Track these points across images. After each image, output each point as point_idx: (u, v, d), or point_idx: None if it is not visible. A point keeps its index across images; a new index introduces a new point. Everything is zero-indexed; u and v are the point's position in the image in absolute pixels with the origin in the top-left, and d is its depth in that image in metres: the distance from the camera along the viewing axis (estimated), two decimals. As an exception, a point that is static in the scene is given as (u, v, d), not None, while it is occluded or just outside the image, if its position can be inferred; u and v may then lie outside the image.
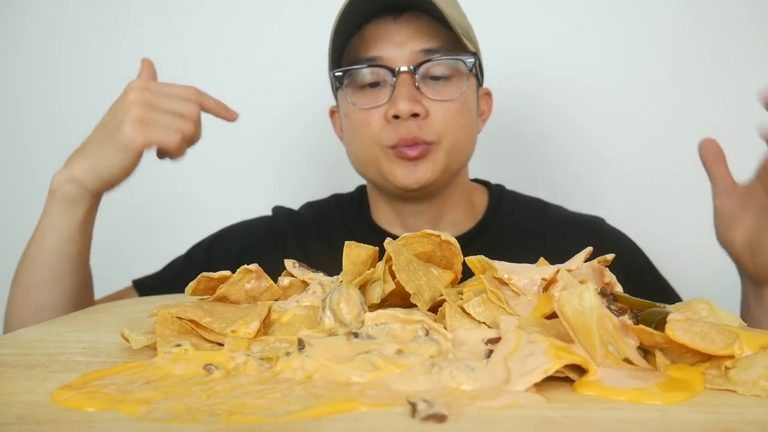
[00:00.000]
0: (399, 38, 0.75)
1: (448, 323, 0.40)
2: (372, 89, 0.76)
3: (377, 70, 0.75)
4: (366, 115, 0.76)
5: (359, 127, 0.77)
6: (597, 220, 0.87)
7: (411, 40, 0.74)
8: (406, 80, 0.74)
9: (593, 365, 0.33)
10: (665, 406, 0.31)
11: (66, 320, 0.53)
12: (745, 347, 0.34)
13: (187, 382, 0.35)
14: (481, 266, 0.44)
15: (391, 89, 0.74)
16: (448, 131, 0.75)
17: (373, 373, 0.34)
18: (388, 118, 0.74)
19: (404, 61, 0.74)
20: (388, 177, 0.77)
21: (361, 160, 0.79)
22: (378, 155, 0.77)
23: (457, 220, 0.84)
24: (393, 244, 0.45)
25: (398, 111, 0.73)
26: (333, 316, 0.41)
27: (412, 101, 0.73)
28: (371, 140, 0.76)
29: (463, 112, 0.77)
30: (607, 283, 0.46)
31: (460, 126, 0.76)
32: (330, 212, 0.89)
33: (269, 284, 0.50)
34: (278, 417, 0.29)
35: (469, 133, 0.79)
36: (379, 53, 0.75)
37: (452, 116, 0.75)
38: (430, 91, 0.75)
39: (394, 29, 0.75)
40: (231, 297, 0.49)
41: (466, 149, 0.79)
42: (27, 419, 0.30)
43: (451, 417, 0.29)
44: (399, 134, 0.74)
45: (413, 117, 0.74)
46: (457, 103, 0.76)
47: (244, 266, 0.49)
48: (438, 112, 0.75)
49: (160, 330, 0.40)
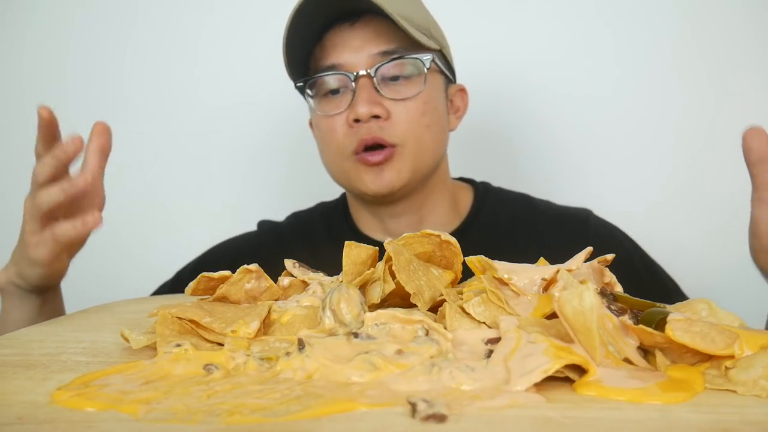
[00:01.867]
0: (356, 43, 0.75)
1: (448, 323, 0.40)
2: (334, 96, 0.76)
3: (337, 76, 0.75)
4: (331, 122, 0.76)
5: (325, 135, 0.78)
6: (584, 212, 0.87)
7: (368, 43, 0.75)
8: (366, 84, 0.74)
9: (593, 365, 0.33)
10: (665, 406, 0.31)
11: (66, 320, 0.53)
12: (745, 347, 0.34)
13: (187, 382, 0.35)
14: (481, 266, 0.44)
15: (351, 94, 0.74)
16: (411, 132, 0.75)
17: (373, 373, 0.34)
18: (350, 122, 0.74)
19: (363, 65, 0.74)
20: (356, 184, 0.77)
21: (331, 169, 0.80)
22: (344, 164, 0.77)
23: (440, 220, 0.83)
24: (393, 244, 0.45)
25: (358, 114, 0.73)
26: (333, 316, 0.41)
27: (370, 103, 0.73)
28: (337, 149, 0.77)
29: (427, 111, 0.76)
30: (607, 283, 0.46)
31: (424, 126, 0.76)
32: (315, 221, 0.89)
33: (269, 284, 0.50)
34: (278, 417, 0.29)
35: (436, 131, 0.78)
36: (338, 60, 0.75)
37: (415, 116, 0.75)
38: (389, 91, 0.74)
39: (351, 35, 0.75)
40: (231, 297, 0.49)
41: (434, 149, 0.78)
42: (27, 419, 0.30)
43: (451, 417, 0.29)
44: (359, 136, 0.74)
45: (375, 119, 0.73)
46: (419, 102, 0.75)
47: (244, 266, 0.49)
48: (400, 113, 0.74)
49: (160, 330, 0.40)
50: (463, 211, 0.85)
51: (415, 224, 0.82)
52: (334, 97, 0.77)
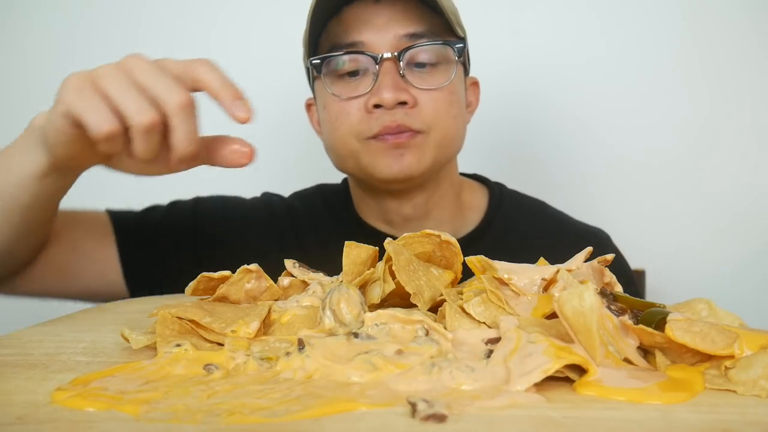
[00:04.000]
0: (381, 22, 0.69)
1: (448, 323, 0.40)
2: (351, 78, 0.71)
3: (358, 57, 0.70)
4: (345, 105, 0.70)
5: (337, 119, 0.72)
6: (603, 234, 0.84)
7: (394, 23, 0.69)
8: (390, 68, 0.68)
9: (593, 365, 0.33)
10: (665, 406, 0.31)
11: (66, 320, 0.53)
12: (745, 347, 0.34)
13: (187, 382, 0.35)
14: (481, 266, 0.44)
15: (373, 78, 0.69)
16: (438, 122, 0.70)
17: (373, 373, 0.34)
18: (369, 108, 0.69)
19: (387, 47, 0.69)
20: (368, 170, 0.71)
21: (339, 153, 0.74)
22: (356, 149, 0.71)
23: (445, 215, 0.79)
24: (393, 244, 0.45)
25: (382, 100, 0.67)
26: (333, 316, 0.41)
27: (397, 89, 0.68)
28: (349, 133, 0.71)
29: (453, 102, 0.72)
30: (607, 283, 0.46)
31: (452, 116, 0.72)
32: (317, 206, 0.84)
33: (269, 284, 0.50)
34: (278, 417, 0.29)
35: (459, 124, 0.74)
36: (360, 38, 0.69)
37: (443, 106, 0.70)
38: (416, 79, 0.70)
39: (375, 12, 0.70)
40: (231, 297, 0.49)
41: (455, 142, 0.75)
42: (27, 419, 0.30)
43: (451, 417, 0.29)
44: (382, 122, 0.68)
45: (400, 106, 0.68)
46: (446, 92, 0.71)
47: (244, 266, 0.49)
48: (427, 102, 0.70)
49: (160, 330, 0.40)
50: (474, 212, 0.82)
51: (421, 217, 0.78)
52: (351, 80, 0.71)
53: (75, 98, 0.45)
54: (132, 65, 0.46)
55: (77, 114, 0.45)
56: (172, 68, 0.47)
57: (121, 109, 0.45)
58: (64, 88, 0.46)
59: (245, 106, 0.46)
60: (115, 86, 0.45)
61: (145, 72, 0.46)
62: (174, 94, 0.45)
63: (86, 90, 0.45)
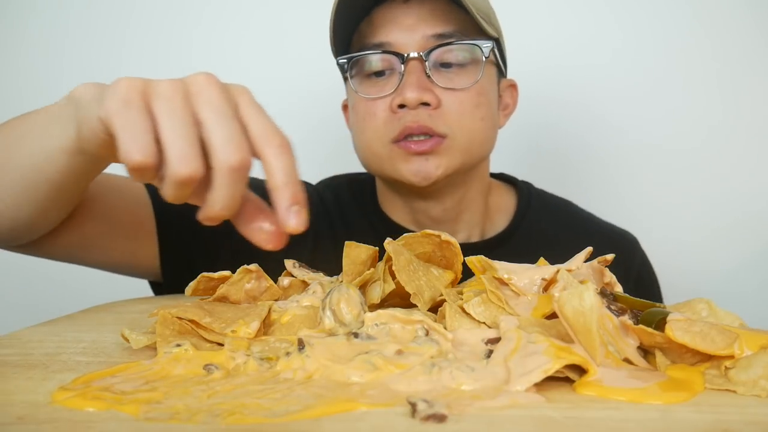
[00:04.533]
0: (409, 22, 0.69)
1: (448, 323, 0.40)
2: (379, 78, 0.71)
3: (384, 56, 0.70)
4: (371, 105, 0.70)
5: (364, 119, 0.72)
6: (630, 236, 0.83)
7: (423, 23, 0.69)
8: (416, 67, 0.68)
9: (593, 365, 0.33)
10: (665, 406, 0.31)
11: (66, 320, 0.53)
12: (745, 347, 0.34)
13: (187, 382, 0.35)
14: (481, 266, 0.44)
15: (399, 77, 0.68)
16: (463, 124, 0.69)
17: (373, 373, 0.34)
18: (394, 108, 0.68)
19: (414, 47, 0.68)
20: (393, 175, 0.71)
21: (365, 155, 0.74)
22: (381, 153, 0.71)
23: (475, 218, 0.79)
24: (393, 244, 0.45)
25: (405, 99, 0.67)
26: (333, 316, 0.41)
27: (420, 89, 0.67)
28: (374, 135, 0.71)
29: (481, 104, 0.70)
30: (607, 283, 0.46)
31: (479, 119, 0.70)
32: (344, 198, 0.83)
33: (269, 284, 0.50)
34: (278, 417, 0.29)
35: (487, 127, 0.72)
36: (387, 38, 0.69)
37: (468, 108, 0.69)
38: (442, 79, 0.69)
39: (404, 12, 0.69)
40: (231, 297, 0.49)
41: (484, 145, 0.73)
42: (27, 419, 0.30)
43: (451, 417, 0.29)
44: (403, 123, 0.68)
45: (423, 106, 0.68)
46: (472, 93, 0.70)
47: (244, 266, 0.49)
48: (452, 103, 0.69)
49: (160, 330, 0.40)
50: (502, 214, 0.81)
51: (451, 220, 0.77)
52: (378, 80, 0.71)
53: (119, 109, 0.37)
54: (199, 91, 0.38)
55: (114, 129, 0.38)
56: (245, 115, 0.38)
57: (164, 144, 0.37)
58: (113, 92, 0.38)
59: (301, 214, 0.37)
60: (168, 114, 0.37)
61: (212, 107, 0.37)
62: (232, 151, 0.36)
63: (134, 106, 0.37)
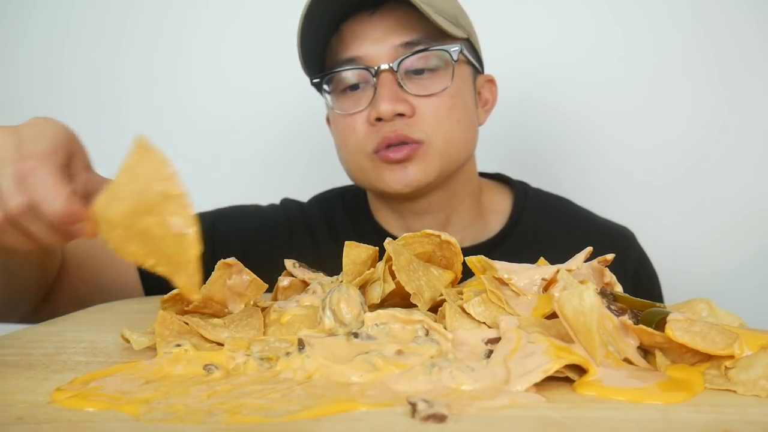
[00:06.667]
0: (377, 34, 0.69)
1: (448, 323, 0.40)
2: (354, 92, 0.71)
3: (355, 71, 0.70)
4: (350, 120, 0.71)
5: (344, 134, 0.73)
6: (628, 232, 0.83)
7: (390, 34, 0.69)
8: (388, 79, 0.68)
9: (593, 365, 0.33)
10: (665, 406, 0.31)
11: (66, 320, 0.53)
12: (745, 347, 0.34)
13: (187, 382, 0.35)
14: (481, 266, 0.44)
15: (373, 90, 0.69)
16: (439, 128, 0.70)
17: (373, 373, 0.34)
18: (371, 121, 0.69)
19: (385, 58, 0.68)
20: (377, 184, 0.72)
21: (350, 168, 0.75)
22: (363, 165, 0.72)
23: (466, 220, 0.79)
24: (393, 244, 0.45)
25: (380, 113, 0.68)
26: (333, 316, 0.41)
27: (394, 101, 0.67)
28: (356, 148, 0.72)
29: (455, 106, 0.71)
30: (607, 283, 0.46)
31: (454, 121, 0.71)
32: (336, 211, 0.84)
33: (251, 278, 0.47)
34: (278, 417, 0.29)
35: (465, 128, 0.72)
36: (358, 52, 0.69)
37: (443, 111, 0.70)
38: (414, 86, 0.69)
39: (372, 25, 0.69)
40: (215, 297, 0.47)
41: (464, 146, 0.73)
42: (27, 419, 0.30)
43: (451, 417, 0.29)
44: (382, 134, 0.68)
45: (399, 117, 0.68)
46: (446, 97, 0.70)
47: (222, 260, 0.47)
48: (426, 109, 0.69)
49: (160, 330, 0.40)
50: (497, 215, 0.81)
51: (440, 223, 0.78)
52: (353, 94, 0.71)
53: None
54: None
55: None
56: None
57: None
58: None
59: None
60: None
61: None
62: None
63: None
